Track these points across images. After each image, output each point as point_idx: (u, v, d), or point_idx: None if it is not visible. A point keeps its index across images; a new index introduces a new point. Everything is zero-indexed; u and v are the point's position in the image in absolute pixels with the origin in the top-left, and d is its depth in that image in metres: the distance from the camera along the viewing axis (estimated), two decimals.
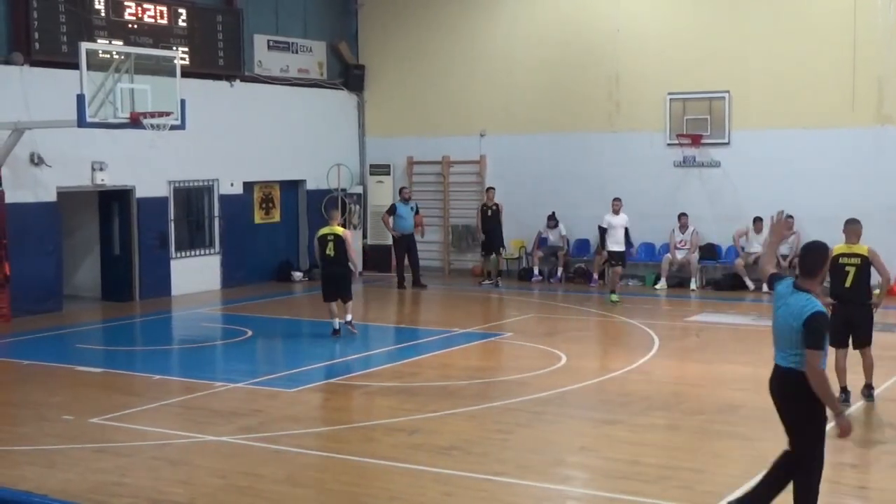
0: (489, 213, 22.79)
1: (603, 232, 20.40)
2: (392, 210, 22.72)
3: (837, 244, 11.92)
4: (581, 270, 22.97)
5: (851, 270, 11.76)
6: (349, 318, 16.50)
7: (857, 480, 9.20)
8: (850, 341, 11.86)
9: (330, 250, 16.23)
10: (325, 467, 9.74)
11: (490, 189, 23.20)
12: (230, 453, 10.14)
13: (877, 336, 16.20)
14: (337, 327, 16.29)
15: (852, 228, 12.16)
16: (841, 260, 11.76)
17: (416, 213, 22.94)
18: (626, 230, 20.46)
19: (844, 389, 11.66)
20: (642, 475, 9.27)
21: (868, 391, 11.99)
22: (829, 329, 10.21)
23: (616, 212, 20.37)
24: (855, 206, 20.59)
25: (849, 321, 11.78)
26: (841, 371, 11.69)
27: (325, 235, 16.32)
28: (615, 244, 20.17)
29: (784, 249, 21.06)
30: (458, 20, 24.68)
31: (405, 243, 22.66)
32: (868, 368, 11.92)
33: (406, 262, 22.74)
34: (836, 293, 11.85)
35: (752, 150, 21.72)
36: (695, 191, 22.23)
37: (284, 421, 11.32)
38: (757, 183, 21.61)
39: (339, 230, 16.38)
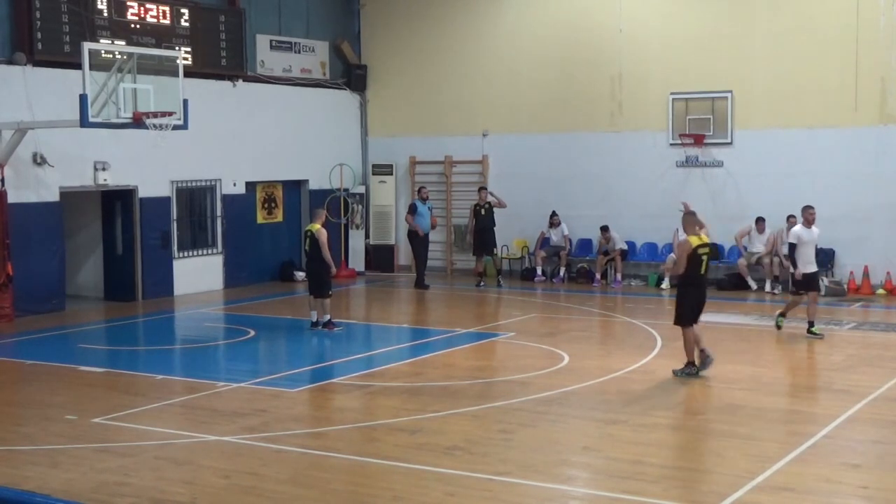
0: (482, 212, 22.78)
1: (792, 249, 16.13)
2: (413, 209, 22.82)
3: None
4: (583, 270, 22.98)
5: (705, 259, 13.32)
6: (326, 317, 16.88)
7: (859, 480, 9.19)
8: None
9: (307, 246, 17.16)
10: (328, 467, 9.74)
11: (482, 189, 23.20)
12: (233, 453, 10.15)
13: (879, 336, 16.29)
14: (314, 320, 16.94)
15: (696, 220, 13.60)
16: (699, 251, 13.22)
17: (431, 214, 23.10)
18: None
19: (693, 363, 13.19)
20: (645, 475, 9.27)
21: (704, 354, 13.28)
22: (685, 309, 13.13)
23: (810, 223, 16.15)
24: (857, 206, 20.75)
25: (701, 302, 13.48)
26: (692, 347, 13.22)
27: (306, 232, 17.29)
28: (808, 264, 16.09)
29: (786, 249, 21.04)
30: (460, 20, 24.69)
31: (424, 242, 22.82)
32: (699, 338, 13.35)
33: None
34: (695, 279, 13.32)
35: (754, 149, 21.73)
36: (697, 191, 22.20)
37: (287, 421, 11.33)
38: (759, 183, 21.63)
39: (316, 227, 16.92)
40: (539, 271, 23.29)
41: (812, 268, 16.04)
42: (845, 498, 8.85)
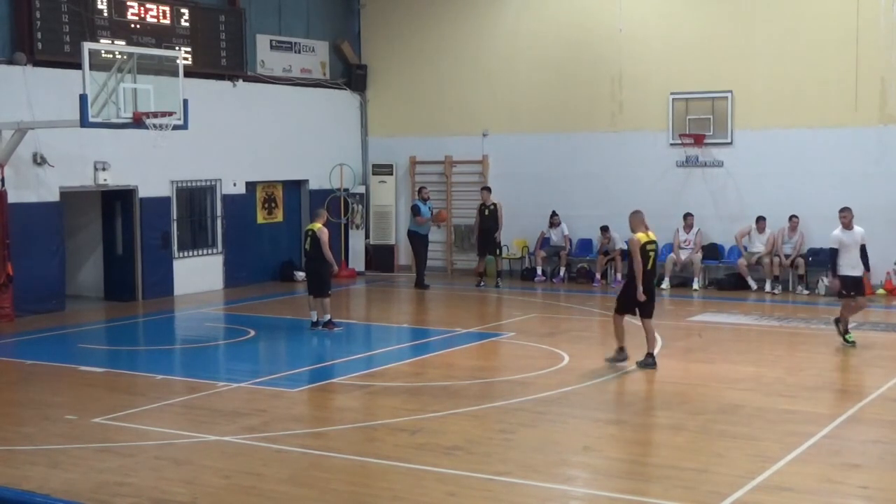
0: (486, 212, 22.74)
1: (834, 255, 15.62)
2: (416, 210, 22.77)
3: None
4: (583, 270, 22.98)
5: (653, 255, 13.98)
6: (327, 316, 16.88)
7: (859, 480, 9.19)
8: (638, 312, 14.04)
9: (307, 245, 17.13)
10: (328, 467, 9.74)
11: (485, 189, 23.17)
12: (233, 453, 10.15)
13: (879, 336, 16.29)
14: (314, 320, 16.97)
15: (642, 219, 14.22)
16: (647, 247, 13.90)
17: (432, 214, 23.08)
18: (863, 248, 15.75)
19: (623, 348, 14.02)
20: (645, 475, 9.28)
21: (649, 359, 13.80)
22: (624, 299, 13.77)
23: (848, 226, 15.62)
24: (857, 205, 20.52)
25: (652, 294, 14.02)
26: (622, 334, 14.09)
27: (307, 231, 17.26)
28: (851, 268, 15.52)
29: (787, 249, 21.09)
30: (461, 20, 24.69)
31: (424, 242, 22.80)
32: (651, 335, 14.01)
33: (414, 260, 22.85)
34: (642, 274, 13.86)
35: (754, 149, 21.73)
36: (697, 191, 22.23)
37: (287, 421, 11.33)
38: (759, 183, 21.63)
39: (317, 226, 16.89)
40: (539, 271, 23.29)
41: (857, 271, 15.59)
42: (845, 498, 8.85)
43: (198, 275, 21.76)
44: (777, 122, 21.52)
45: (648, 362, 13.81)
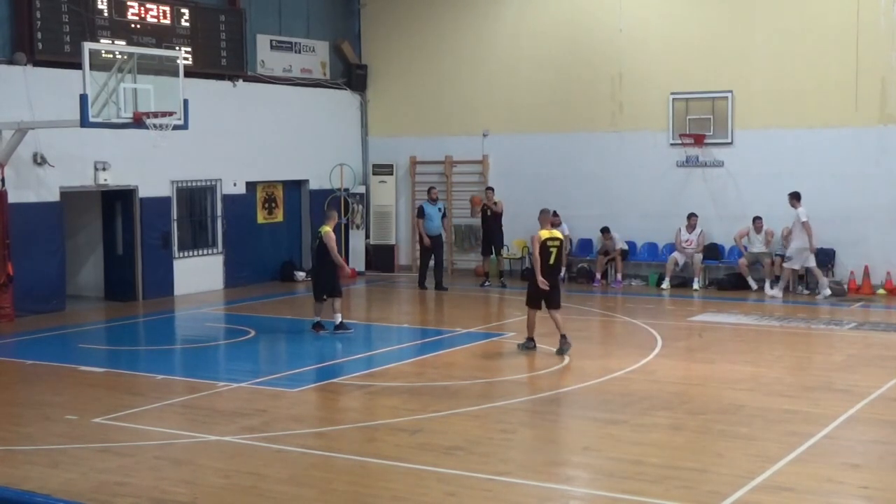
0: (489, 212, 22.69)
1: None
2: (420, 212, 22.25)
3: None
4: (584, 270, 22.96)
5: (554, 251, 14.79)
6: (338, 317, 16.62)
7: (859, 480, 9.19)
8: (543, 304, 14.88)
9: (313, 246, 17.20)
10: (329, 467, 9.74)
11: (489, 189, 23.14)
12: (233, 453, 10.15)
13: (879, 336, 16.30)
14: (315, 321, 16.78)
15: (547, 218, 15.45)
16: (548, 243, 14.80)
17: (444, 216, 22.68)
18: None
19: (532, 339, 14.95)
20: (645, 475, 9.27)
21: (564, 341, 14.68)
22: (529, 292, 15.04)
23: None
24: (857, 206, 20.76)
25: (554, 288, 14.95)
26: (532, 325, 14.98)
27: (317, 233, 17.01)
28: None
29: (789, 251, 21.06)
30: (461, 19, 24.69)
31: (438, 243, 22.29)
32: (559, 323, 14.84)
33: (431, 263, 22.30)
34: (543, 268, 14.79)
35: (754, 149, 21.73)
36: (698, 191, 22.23)
37: (287, 421, 11.33)
38: (760, 183, 21.63)
39: (325, 229, 16.67)
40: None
41: None
42: (845, 498, 8.85)
43: (198, 275, 21.76)
44: (777, 122, 21.51)
45: (564, 348, 14.66)
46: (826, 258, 21.01)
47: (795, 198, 20.37)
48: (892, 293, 20.44)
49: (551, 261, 14.82)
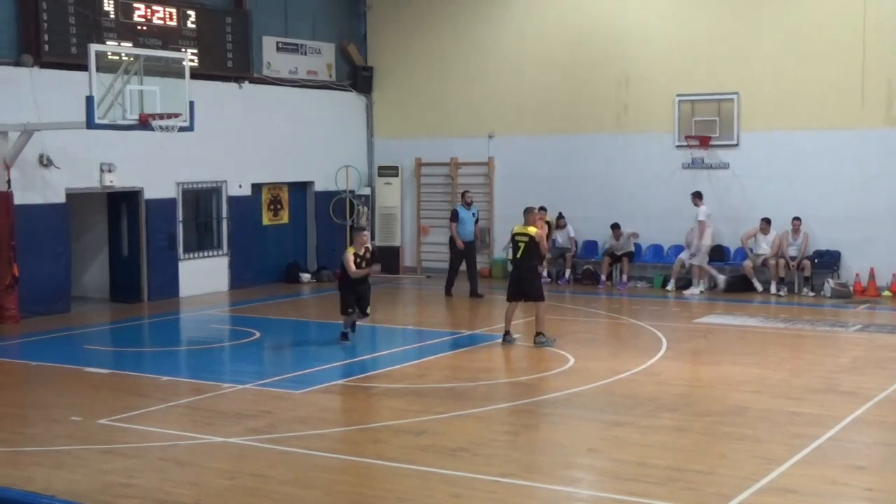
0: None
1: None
2: (454, 216, 21.49)
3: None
4: (589, 272, 22.95)
5: (522, 245, 15.57)
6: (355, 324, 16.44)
7: (864, 483, 9.17)
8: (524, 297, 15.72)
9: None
10: (333, 469, 9.75)
11: (542, 209, 20.55)
12: (238, 454, 10.16)
13: (885, 338, 16.27)
14: (343, 330, 16.25)
15: (528, 216, 15.93)
16: (516, 237, 15.74)
17: (477, 220, 21.76)
18: None
19: (508, 332, 15.64)
20: (650, 477, 9.26)
21: (539, 337, 15.39)
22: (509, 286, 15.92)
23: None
24: (863, 207, 20.73)
25: (514, 282, 15.84)
26: (509, 319, 15.72)
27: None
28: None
29: (792, 251, 21.07)
30: (466, 21, 24.70)
31: (465, 250, 21.35)
32: (538, 319, 15.53)
33: (464, 269, 21.50)
34: (512, 262, 16.15)
35: (760, 151, 21.71)
36: (703, 192, 22.17)
37: (292, 422, 11.33)
38: (765, 184, 21.62)
39: (350, 251, 16.08)
40: (545, 273, 23.25)
41: None
42: (850, 500, 8.84)
43: (203, 276, 21.79)
44: (783, 123, 21.49)
45: (540, 341, 15.35)
46: (831, 260, 21.00)
47: (698, 196, 21.30)
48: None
49: (518, 255, 15.72)
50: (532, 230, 15.65)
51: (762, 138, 21.68)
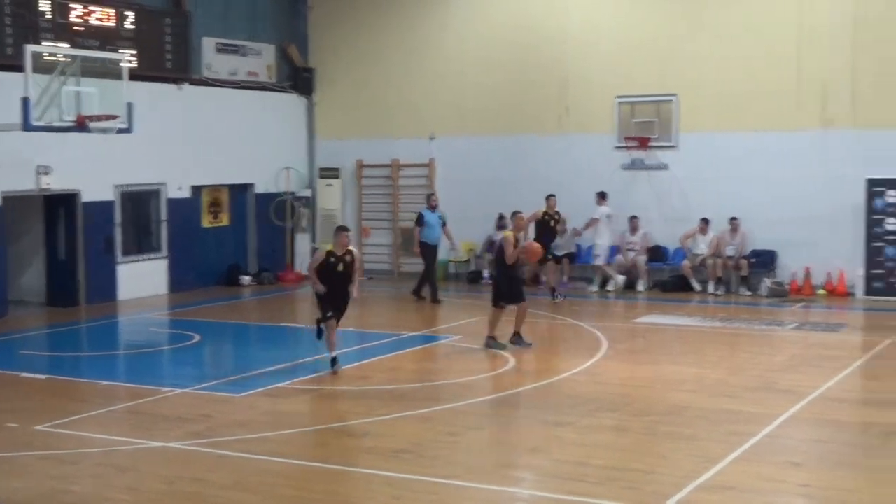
0: (552, 222, 20.68)
1: None
2: (420, 220, 20.91)
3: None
4: (531, 273, 23.02)
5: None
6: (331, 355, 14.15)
7: (800, 479, 9.32)
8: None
9: None
10: (274, 472, 9.70)
11: (552, 196, 20.82)
12: (178, 459, 10.08)
13: (820, 336, 16.54)
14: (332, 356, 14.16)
15: (516, 221, 16.02)
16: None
17: (444, 224, 21.06)
18: None
19: (493, 337, 15.37)
20: (590, 476, 9.34)
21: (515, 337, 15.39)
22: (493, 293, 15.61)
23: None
24: (798, 208, 21.04)
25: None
26: (493, 322, 15.51)
27: None
28: None
29: (730, 251, 21.33)
30: (408, 23, 24.70)
31: (434, 253, 20.91)
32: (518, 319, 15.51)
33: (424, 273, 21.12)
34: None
35: (699, 152, 21.96)
36: (643, 193, 22.42)
37: (233, 426, 11.26)
38: (704, 185, 21.85)
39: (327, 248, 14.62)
40: (486, 274, 23.35)
41: None
42: (787, 496, 8.98)
43: (142, 279, 21.58)
44: (721, 125, 21.74)
45: (514, 341, 15.36)
46: (768, 259, 21.29)
47: (601, 196, 21.82)
48: (833, 294, 20.75)
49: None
50: (507, 233, 15.60)
51: (701, 139, 21.93)
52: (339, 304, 14.17)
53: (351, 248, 14.28)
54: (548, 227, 20.66)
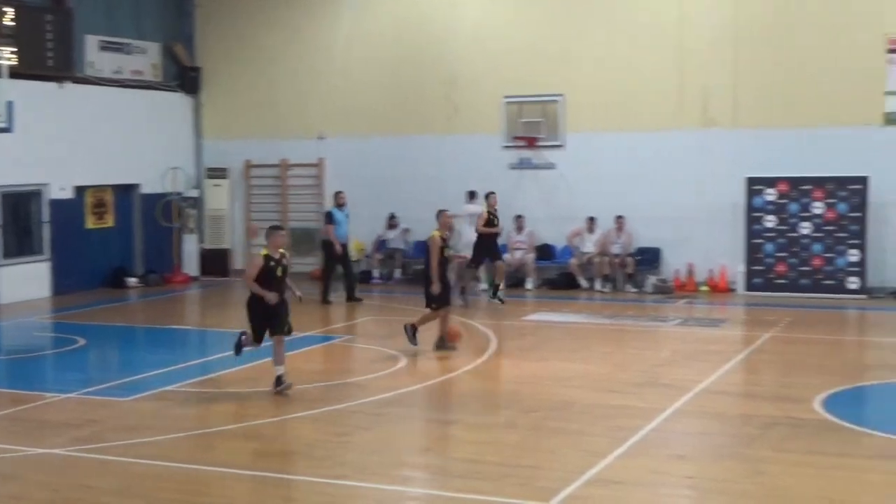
0: (496, 220, 19.81)
1: None
2: (330, 218, 20.58)
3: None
4: (420, 272, 23.06)
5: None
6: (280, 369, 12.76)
7: (685, 471, 9.54)
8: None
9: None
10: (161, 476, 9.57)
11: (492, 193, 19.99)
12: (62, 466, 9.88)
13: (703, 331, 16.94)
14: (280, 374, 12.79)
15: (443, 220, 15.71)
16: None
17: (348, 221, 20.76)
18: None
19: (441, 338, 15.18)
20: (481, 473, 9.42)
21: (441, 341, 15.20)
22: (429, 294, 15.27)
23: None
24: (681, 206, 21.52)
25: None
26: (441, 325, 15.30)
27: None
28: None
29: (615, 249, 21.70)
30: (297, 21, 24.56)
31: (344, 251, 20.61)
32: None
33: (338, 273, 20.92)
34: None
35: (585, 152, 22.29)
36: (530, 192, 22.67)
37: (119, 431, 11.07)
38: (590, 184, 22.19)
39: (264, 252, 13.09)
40: (376, 273, 23.35)
41: None
42: (672, 488, 9.18)
43: (24, 282, 21.05)
44: (607, 125, 22.11)
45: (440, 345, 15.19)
46: (652, 257, 21.72)
47: (470, 195, 21.79)
48: (715, 290, 21.25)
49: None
50: (434, 233, 15.35)
51: (587, 139, 22.26)
52: (282, 313, 12.69)
53: (284, 250, 12.94)
54: (492, 226, 19.81)
